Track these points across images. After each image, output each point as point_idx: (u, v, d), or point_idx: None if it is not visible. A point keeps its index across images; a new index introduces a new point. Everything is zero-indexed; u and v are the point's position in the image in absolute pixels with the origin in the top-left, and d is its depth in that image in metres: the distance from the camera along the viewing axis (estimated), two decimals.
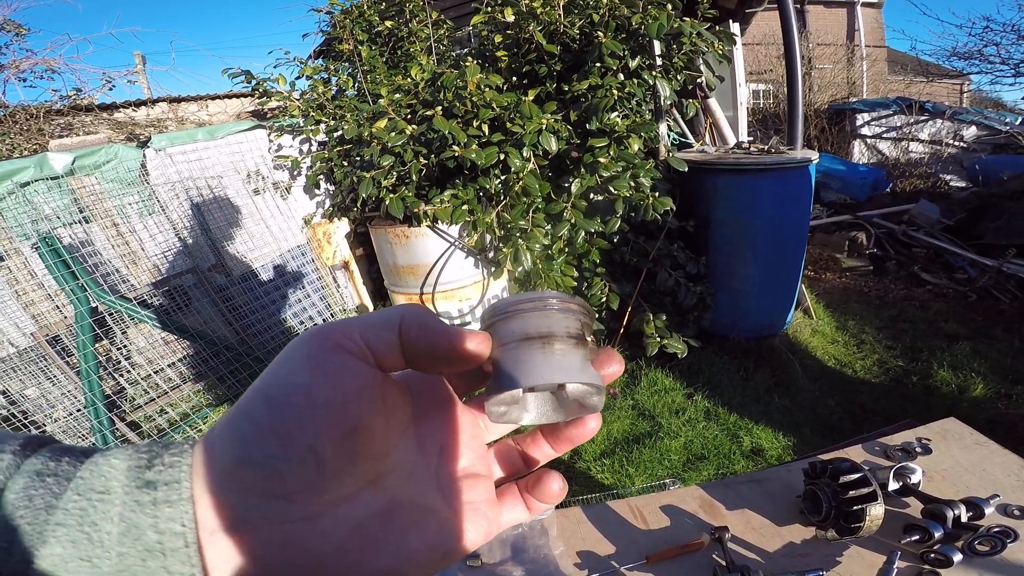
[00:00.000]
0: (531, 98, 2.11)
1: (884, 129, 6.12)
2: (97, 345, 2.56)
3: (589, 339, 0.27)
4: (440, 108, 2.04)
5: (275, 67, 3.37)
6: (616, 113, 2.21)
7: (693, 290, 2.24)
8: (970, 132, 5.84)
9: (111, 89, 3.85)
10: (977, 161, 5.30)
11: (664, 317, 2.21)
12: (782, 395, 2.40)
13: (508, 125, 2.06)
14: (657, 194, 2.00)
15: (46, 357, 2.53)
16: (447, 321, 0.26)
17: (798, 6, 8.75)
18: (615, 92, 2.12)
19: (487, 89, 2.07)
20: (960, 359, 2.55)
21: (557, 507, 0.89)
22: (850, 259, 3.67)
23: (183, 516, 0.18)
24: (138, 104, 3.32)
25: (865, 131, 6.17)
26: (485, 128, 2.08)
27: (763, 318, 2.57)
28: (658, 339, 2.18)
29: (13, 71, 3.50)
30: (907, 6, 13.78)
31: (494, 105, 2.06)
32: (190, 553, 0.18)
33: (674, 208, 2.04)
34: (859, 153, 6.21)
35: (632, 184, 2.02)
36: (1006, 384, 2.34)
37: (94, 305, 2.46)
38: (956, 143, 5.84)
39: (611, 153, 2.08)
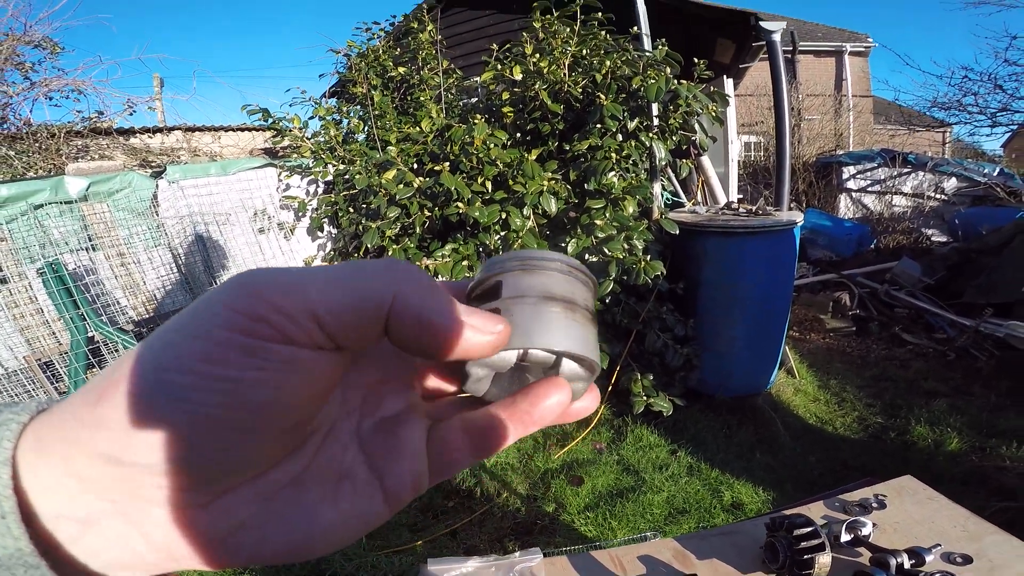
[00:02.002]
0: (534, 157, 2.22)
1: (869, 182, 6.32)
2: (88, 372, 2.58)
3: None
4: (447, 164, 2.14)
5: (291, 105, 3.47)
6: (613, 173, 2.32)
7: (680, 352, 2.32)
8: (950, 184, 6.02)
9: (131, 114, 3.94)
10: (956, 215, 5.45)
11: (651, 377, 2.28)
12: (765, 452, 2.46)
13: (511, 183, 2.16)
14: (649, 257, 2.09)
15: (35, 380, 2.53)
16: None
17: (788, 56, 9.12)
18: (613, 155, 2.23)
19: (493, 146, 2.17)
20: (937, 415, 2.65)
21: (545, 555, 0.95)
22: (834, 320, 3.79)
23: None
24: (154, 131, 3.40)
25: (851, 184, 6.37)
26: (489, 185, 2.17)
27: (748, 378, 2.65)
28: (645, 398, 2.25)
29: (43, 90, 3.58)
30: (892, 55, 14.43)
31: (499, 163, 2.16)
32: (9, 524, 0.15)
33: (664, 272, 2.14)
34: (845, 207, 6.38)
35: (626, 246, 2.12)
36: (981, 438, 2.44)
37: (91, 334, 2.49)
38: (937, 196, 6.02)
39: (607, 215, 2.18)
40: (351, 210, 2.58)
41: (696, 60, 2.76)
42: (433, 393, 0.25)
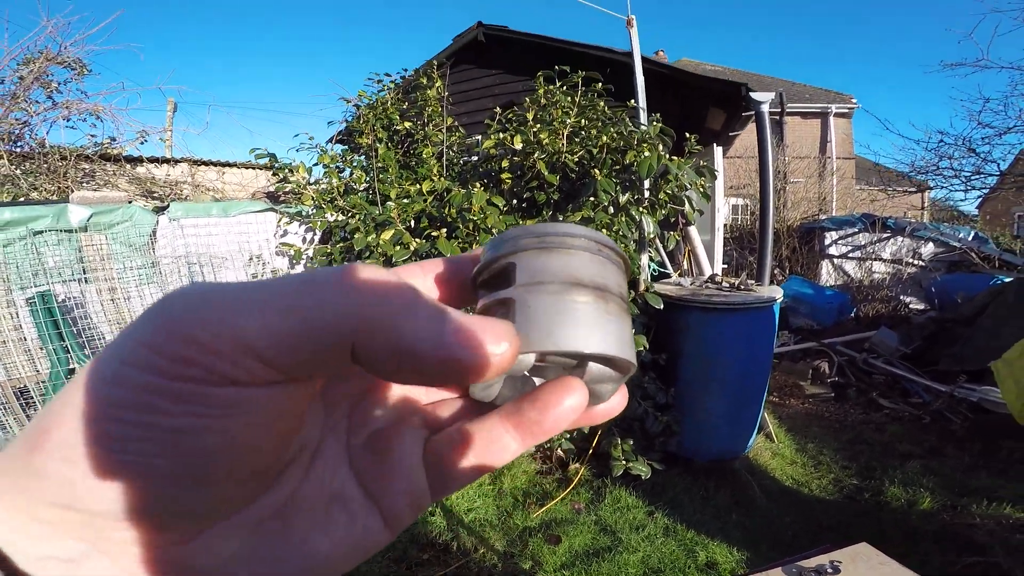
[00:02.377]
0: None
1: (850, 248, 6.50)
2: None
3: None
4: (445, 229, 2.22)
5: (297, 150, 3.60)
6: None
7: (660, 419, 2.39)
8: (927, 249, 6.20)
9: (143, 143, 3.95)
10: (933, 283, 5.59)
11: (631, 441, 2.34)
12: (741, 513, 2.50)
13: None
14: (633, 331, 2.17)
15: (5, 406, 2.49)
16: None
17: (776, 117, 9.58)
18: (604, 230, 2.35)
19: (490, 214, 2.27)
20: (911, 476, 2.72)
21: None
22: (813, 386, 3.91)
23: None
24: (161, 161, 3.44)
25: (832, 250, 6.55)
26: None
27: (726, 443, 2.70)
28: (624, 462, 2.29)
29: (64, 112, 3.59)
30: (873, 118, 15.25)
31: (494, 231, 2.26)
32: None
33: (648, 345, 2.21)
34: (827, 274, 6.53)
35: None
36: (953, 497, 2.51)
37: (72, 367, 2.47)
38: (915, 262, 6.19)
39: None
40: (346, 264, 2.62)
41: (688, 135, 2.93)
42: (431, 399, 0.23)
